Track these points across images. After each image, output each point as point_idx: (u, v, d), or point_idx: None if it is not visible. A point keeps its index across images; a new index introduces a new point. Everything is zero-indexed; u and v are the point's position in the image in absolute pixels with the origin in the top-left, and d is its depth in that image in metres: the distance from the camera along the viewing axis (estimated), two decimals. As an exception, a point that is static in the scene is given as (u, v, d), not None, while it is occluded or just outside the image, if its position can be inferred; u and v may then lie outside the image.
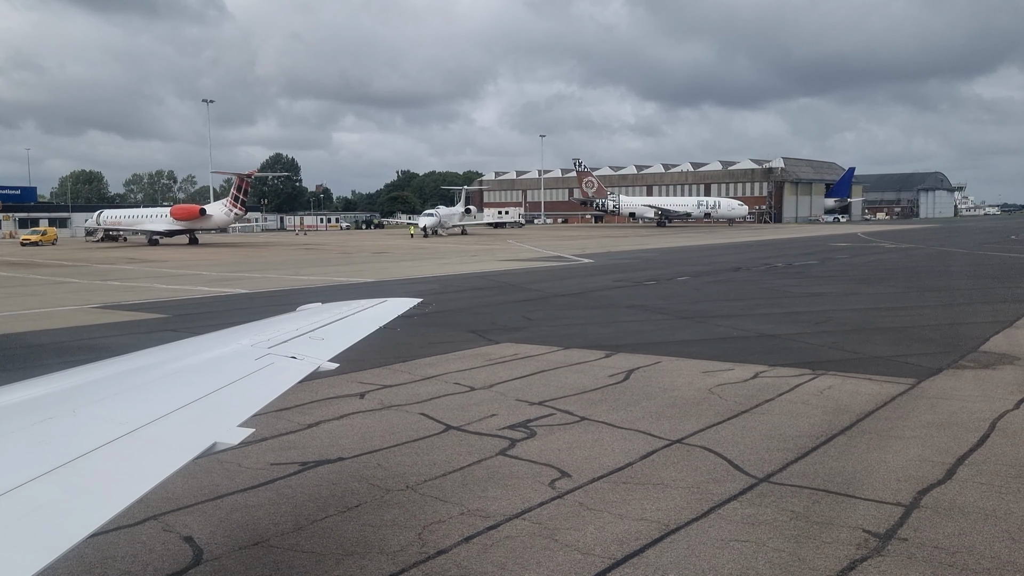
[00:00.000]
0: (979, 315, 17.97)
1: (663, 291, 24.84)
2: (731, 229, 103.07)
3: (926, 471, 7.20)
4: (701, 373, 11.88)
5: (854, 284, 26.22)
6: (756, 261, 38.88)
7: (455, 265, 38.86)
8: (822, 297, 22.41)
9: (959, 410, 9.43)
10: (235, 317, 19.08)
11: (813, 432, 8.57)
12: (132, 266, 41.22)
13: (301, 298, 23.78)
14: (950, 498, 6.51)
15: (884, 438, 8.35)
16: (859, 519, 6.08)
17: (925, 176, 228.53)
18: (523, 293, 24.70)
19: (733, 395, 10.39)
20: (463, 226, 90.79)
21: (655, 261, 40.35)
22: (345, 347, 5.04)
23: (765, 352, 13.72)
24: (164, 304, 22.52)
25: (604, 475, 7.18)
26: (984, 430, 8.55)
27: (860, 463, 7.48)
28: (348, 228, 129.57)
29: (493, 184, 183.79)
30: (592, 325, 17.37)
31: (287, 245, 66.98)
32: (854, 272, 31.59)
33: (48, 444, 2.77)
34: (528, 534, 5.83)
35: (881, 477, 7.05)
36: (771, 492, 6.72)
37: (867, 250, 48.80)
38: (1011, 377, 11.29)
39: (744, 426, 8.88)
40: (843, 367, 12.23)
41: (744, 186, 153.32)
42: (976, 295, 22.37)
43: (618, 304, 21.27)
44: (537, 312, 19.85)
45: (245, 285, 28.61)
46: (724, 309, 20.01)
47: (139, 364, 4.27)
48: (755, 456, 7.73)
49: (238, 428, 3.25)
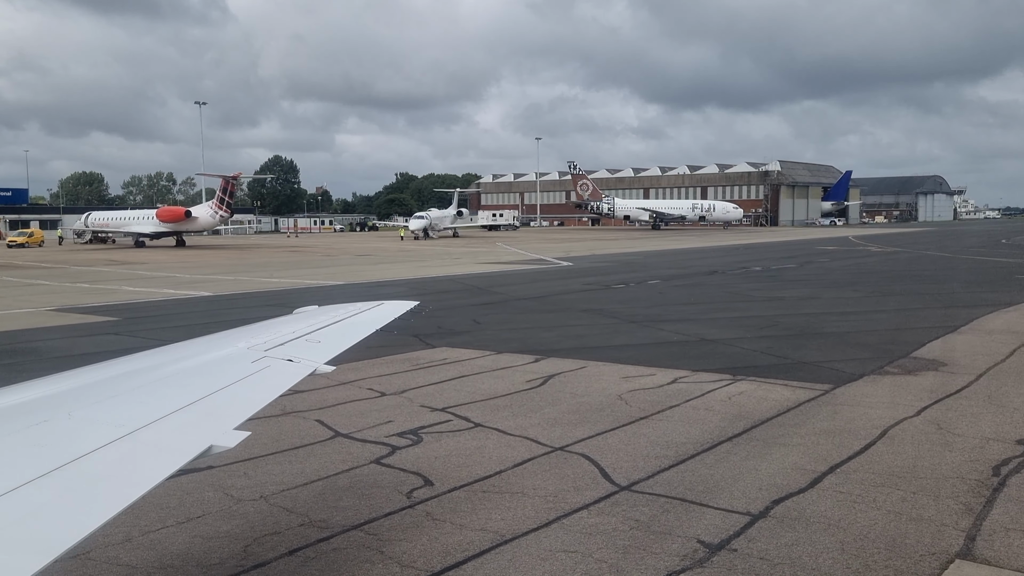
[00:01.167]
0: (929, 320, 17.89)
1: (626, 295, 24.78)
2: (725, 232, 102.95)
3: (792, 480, 7.14)
4: (620, 378, 11.83)
5: (820, 288, 26.15)
6: (735, 265, 38.80)
7: (434, 268, 38.82)
8: (780, 301, 22.34)
9: (858, 417, 9.37)
10: (184, 320, 19.09)
11: (701, 439, 8.52)
12: (109, 268, 41.22)
13: (262, 301, 23.77)
14: (801, 508, 6.46)
15: (769, 445, 8.30)
16: (700, 529, 6.03)
17: (924, 179, 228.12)
18: (486, 296, 24.66)
19: (641, 400, 10.34)
20: (455, 228, 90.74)
21: (634, 264, 40.29)
22: (341, 350, 5.06)
23: (697, 357, 13.67)
24: (122, 307, 22.49)
25: (467, 484, 7.14)
26: (873, 438, 8.50)
27: (731, 471, 7.42)
28: (342, 230, 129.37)
29: (490, 187, 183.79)
30: (537, 329, 17.31)
31: (274, 247, 66.97)
32: (826, 276, 31.52)
33: (44, 447, 2.76)
34: (357, 545, 5.79)
35: (744, 486, 7.00)
36: (626, 501, 6.67)
37: (850, 254, 48.70)
38: (928, 384, 11.22)
39: (635, 433, 8.83)
40: (766, 373, 12.17)
41: (741, 189, 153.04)
42: (935, 299, 22.30)
43: (574, 308, 21.21)
44: (490, 316, 19.80)
45: (213, 288, 28.58)
46: (678, 313, 19.96)
47: (135, 367, 4.26)
48: (630, 464, 7.68)
49: (234, 431, 3.26)
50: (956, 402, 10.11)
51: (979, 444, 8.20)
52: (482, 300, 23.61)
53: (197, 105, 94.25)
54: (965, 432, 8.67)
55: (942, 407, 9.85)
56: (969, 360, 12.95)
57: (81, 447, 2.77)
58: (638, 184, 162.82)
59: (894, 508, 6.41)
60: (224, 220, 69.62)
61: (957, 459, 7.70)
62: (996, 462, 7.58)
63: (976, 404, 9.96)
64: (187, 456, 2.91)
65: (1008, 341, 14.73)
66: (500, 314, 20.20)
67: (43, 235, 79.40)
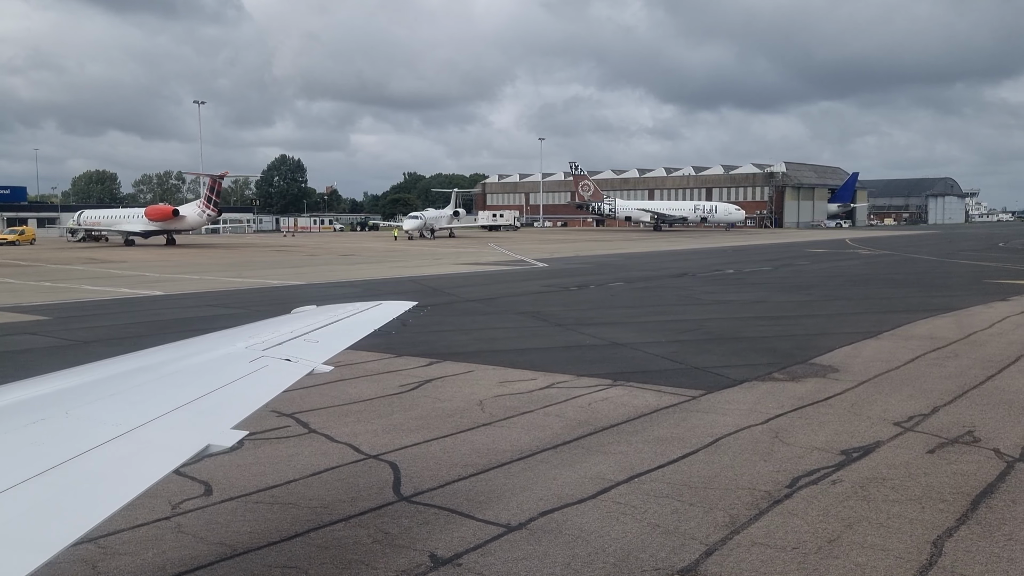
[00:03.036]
0: (858, 325, 17.63)
1: (577, 298, 24.61)
2: (725, 234, 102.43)
3: (581, 490, 7.00)
4: (497, 383, 11.70)
5: (775, 292, 25.89)
6: (711, 267, 38.53)
7: (408, 269, 38.73)
8: (725, 305, 22.12)
9: (702, 425, 9.21)
10: (114, 320, 19.11)
11: (527, 447, 8.38)
12: (85, 266, 41.39)
13: (207, 301, 23.76)
14: (565, 520, 6.32)
15: (590, 453, 8.15)
16: (442, 543, 5.91)
17: (935, 181, 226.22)
18: (437, 298, 24.54)
19: (498, 406, 10.21)
20: (451, 229, 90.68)
21: (609, 266, 40.08)
22: (339, 350, 5.09)
23: (594, 361, 13.52)
24: (62, 306, 22.51)
25: (246, 494, 7.05)
26: (699, 447, 8.34)
27: (528, 480, 7.29)
28: (341, 229, 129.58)
29: (496, 187, 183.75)
30: (458, 333, 17.19)
31: (264, 246, 67.14)
32: (791, 279, 31.25)
33: (41, 446, 2.77)
34: (70, 560, 5.66)
35: (528, 496, 6.87)
36: (393, 512, 6.56)
37: (834, 256, 48.33)
38: (803, 391, 11.02)
39: (465, 440, 8.71)
40: (650, 378, 12.01)
41: (746, 190, 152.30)
42: (881, 304, 22.03)
43: (514, 310, 21.06)
44: (424, 318, 19.67)
45: (171, 288, 28.60)
46: (612, 317, 19.79)
47: (133, 366, 4.24)
48: (432, 473, 7.56)
49: (232, 430, 3.24)
50: (815, 410, 9.92)
51: (801, 454, 8.02)
52: (429, 302, 23.48)
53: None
54: (797, 441, 8.49)
55: (797, 415, 9.66)
56: (863, 367, 12.74)
57: (78, 446, 2.79)
58: (643, 185, 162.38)
59: (657, 520, 6.26)
60: (211, 219, 69.88)
61: (765, 469, 7.52)
62: (801, 473, 7.40)
63: (832, 412, 9.77)
64: (184, 456, 2.92)
65: (918, 348, 14.49)
66: (435, 316, 20.07)
67: (35, 233, 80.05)
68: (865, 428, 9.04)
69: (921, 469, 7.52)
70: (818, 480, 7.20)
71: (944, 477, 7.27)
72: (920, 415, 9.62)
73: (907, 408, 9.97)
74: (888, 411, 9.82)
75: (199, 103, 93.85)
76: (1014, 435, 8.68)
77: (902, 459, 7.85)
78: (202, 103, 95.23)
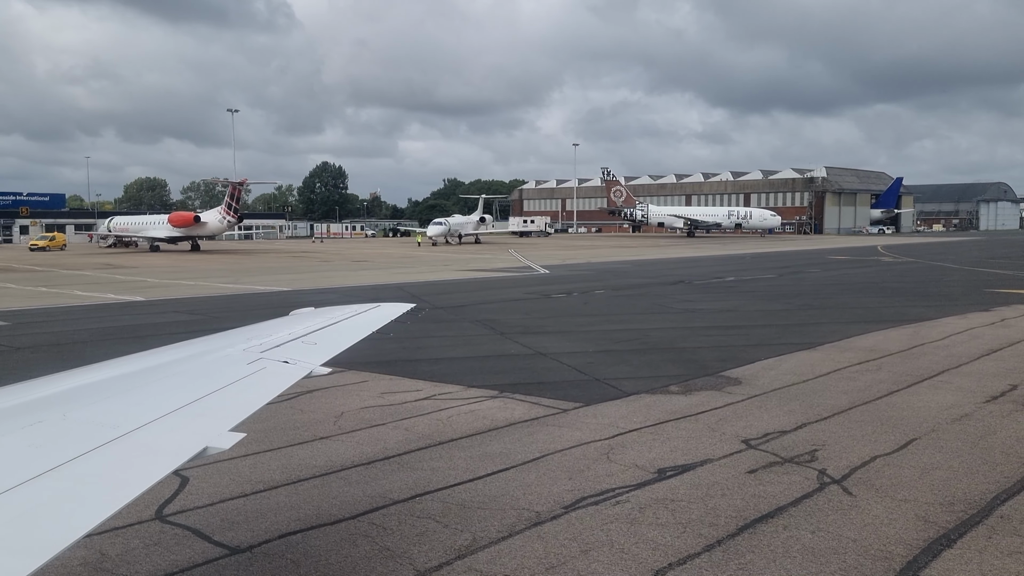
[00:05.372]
0: (807, 335, 17.07)
1: (545, 306, 24.32)
2: (759, 240, 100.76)
3: (342, 511, 6.79)
4: (379, 394, 11.53)
5: (755, 300, 25.30)
6: (712, 274, 37.88)
7: (409, 275, 38.74)
8: (690, 314, 21.65)
9: (543, 439, 8.93)
10: (74, 326, 19.37)
11: (342, 461, 8.21)
12: (96, 272, 42.24)
13: (184, 307, 24.00)
14: (291, 544, 6.11)
15: (401, 468, 7.96)
16: (150, 566, 5.75)
17: (987, 186, 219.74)
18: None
19: (356, 419, 10.05)
20: (477, 235, 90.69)
21: (610, 273, 39.63)
22: (337, 352, 5.16)
23: (500, 371, 13.30)
24: (31, 312, 22.95)
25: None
26: (521, 462, 8.09)
27: (293, 501, 7.10)
28: (373, 235, 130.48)
29: (532, 192, 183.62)
30: (393, 341, 16.93)
31: (285, 252, 67.94)
32: (784, 288, 30.56)
33: (38, 448, 2.79)
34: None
35: (272, 520, 6.67)
36: (137, 533, 6.41)
37: (851, 264, 47.16)
38: (682, 405, 10.65)
39: (289, 454, 8.58)
40: (541, 389, 11.75)
41: (785, 196, 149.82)
42: (850, 314, 21.39)
43: (471, 319, 20.87)
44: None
45: (157, 293, 29.01)
46: (562, 325, 19.50)
47: (130, 368, 4.31)
48: (215, 489, 7.42)
49: (229, 432, 3.27)
50: (676, 425, 9.57)
51: (613, 472, 7.71)
52: (396, 309, 23.39)
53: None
54: (623, 459, 8.17)
55: (652, 430, 9.33)
56: (770, 380, 12.30)
57: (76, 448, 2.79)
58: (680, 191, 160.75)
59: (390, 543, 6.02)
60: (231, 225, 70.95)
61: (559, 488, 7.24)
62: (593, 493, 7.11)
63: (691, 428, 9.42)
64: (182, 458, 2.93)
65: (847, 360, 13.98)
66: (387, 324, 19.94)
67: (65, 239, 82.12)
68: (708, 445, 8.68)
69: (721, 490, 7.16)
70: (600, 501, 6.90)
71: (737, 500, 6.91)
72: (779, 432, 9.22)
73: (773, 424, 9.57)
74: (750, 428, 9.42)
75: (232, 111, 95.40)
76: (857, 455, 8.25)
77: (714, 479, 7.49)
78: (235, 111, 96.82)
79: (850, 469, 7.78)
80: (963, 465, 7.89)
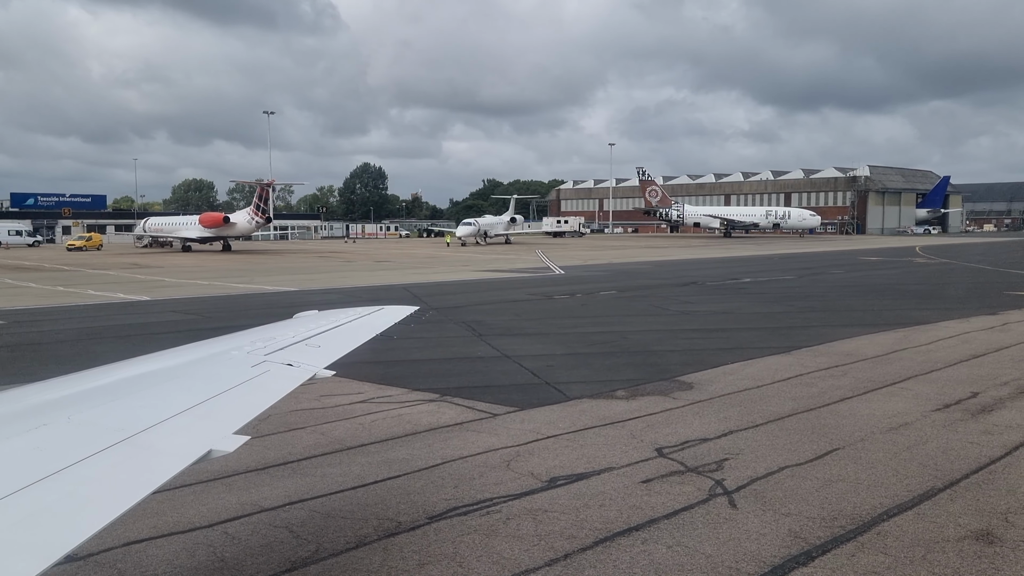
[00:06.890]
0: (789, 339, 16.61)
1: (540, 307, 24.09)
2: (796, 240, 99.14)
3: (211, 517, 6.68)
4: (318, 396, 11.40)
5: (759, 303, 24.77)
6: (728, 276, 37.25)
7: (423, 276, 38.76)
8: (683, 316, 21.27)
9: (456, 445, 8.76)
10: (68, 325, 19.66)
11: (245, 466, 8.10)
12: (120, 272, 42.99)
13: (183, 307, 24.27)
14: (134, 551, 6.02)
15: (293, 474, 7.84)
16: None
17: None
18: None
19: (280, 423, 9.89)
20: (507, 235, 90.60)
21: (625, 274, 39.22)
22: (341, 354, 5.21)
23: (455, 374, 13.15)
24: (31, 311, 23.33)
25: None
26: (420, 468, 7.92)
27: (155, 508, 7.01)
28: (407, 236, 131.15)
29: (570, 192, 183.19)
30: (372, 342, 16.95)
31: (313, 252, 68.60)
32: (795, 290, 29.95)
33: (43, 451, 2.83)
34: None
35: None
36: None
37: (880, 265, 46.08)
38: (618, 410, 10.38)
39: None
40: (484, 393, 11.57)
41: (826, 195, 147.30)
42: (850, 317, 20.82)
43: (460, 320, 20.72)
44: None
45: (167, 293, 29.39)
46: (544, 327, 19.25)
47: (135, 371, 4.38)
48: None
49: (234, 435, 3.31)
50: (598, 432, 9.30)
51: (502, 481, 7.49)
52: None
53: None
54: (523, 467, 7.95)
55: (570, 437, 9.08)
56: (724, 385, 11.94)
57: (80, 451, 2.82)
58: (719, 190, 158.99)
59: (230, 554, 5.90)
60: (259, 225, 71.84)
61: (435, 498, 7.05)
62: (468, 503, 6.90)
63: (611, 435, 9.14)
64: (186, 461, 2.95)
65: (816, 365, 13.56)
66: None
67: (101, 239, 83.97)
68: (618, 453, 8.41)
69: (601, 501, 6.90)
70: (471, 512, 6.68)
71: (612, 511, 6.65)
72: (701, 439, 8.91)
73: (699, 431, 9.26)
74: (673, 435, 9.13)
75: (268, 113, 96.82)
76: (765, 465, 7.91)
77: (602, 489, 7.23)
78: (271, 113, 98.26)
79: (750, 480, 7.46)
80: (871, 477, 7.52)
